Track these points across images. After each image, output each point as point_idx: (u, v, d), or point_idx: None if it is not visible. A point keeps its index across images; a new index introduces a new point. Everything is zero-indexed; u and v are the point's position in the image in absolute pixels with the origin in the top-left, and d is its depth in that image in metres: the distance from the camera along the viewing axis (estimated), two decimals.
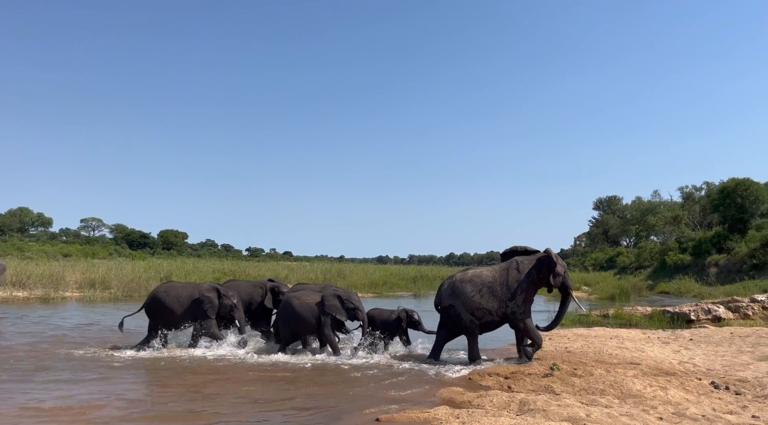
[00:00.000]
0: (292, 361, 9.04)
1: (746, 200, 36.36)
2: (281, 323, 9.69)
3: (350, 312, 9.58)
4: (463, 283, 8.99)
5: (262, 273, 27.11)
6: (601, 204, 68.14)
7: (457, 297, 8.96)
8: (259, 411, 6.15)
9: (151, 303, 10.01)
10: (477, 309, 8.84)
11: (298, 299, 9.65)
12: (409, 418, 5.55)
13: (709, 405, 6.09)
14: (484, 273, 9.09)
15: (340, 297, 9.61)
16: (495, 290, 8.86)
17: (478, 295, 8.86)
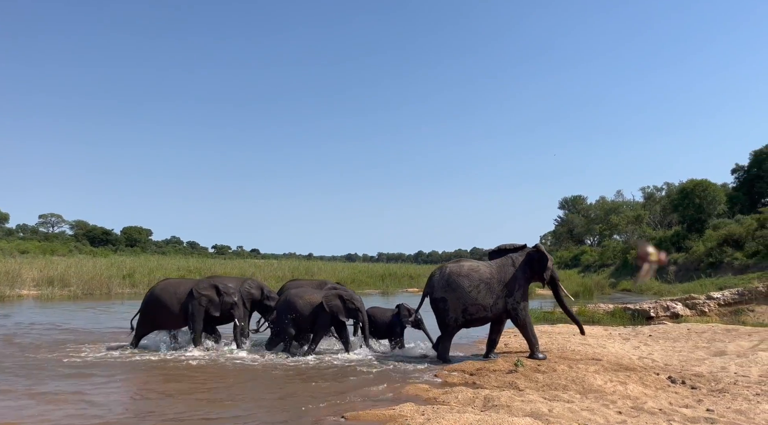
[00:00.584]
0: (261, 360, 8.97)
1: (704, 201, 37.55)
2: (285, 321, 9.49)
3: (351, 313, 9.49)
4: (459, 277, 8.80)
5: (228, 271, 26.72)
6: (566, 203, 69.41)
7: (452, 291, 8.78)
8: (223, 409, 6.06)
9: (149, 301, 9.80)
10: (472, 305, 8.73)
11: (301, 297, 9.54)
12: (375, 416, 5.55)
13: (666, 400, 6.26)
14: (481, 269, 8.90)
15: (342, 296, 9.53)
16: (492, 286, 8.76)
17: (475, 291, 8.71)
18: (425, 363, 8.79)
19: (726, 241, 30.69)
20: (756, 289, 14.80)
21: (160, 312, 9.72)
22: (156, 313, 9.77)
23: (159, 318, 9.81)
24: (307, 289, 9.98)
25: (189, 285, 9.88)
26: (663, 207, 45.12)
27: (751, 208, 37.44)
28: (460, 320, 8.86)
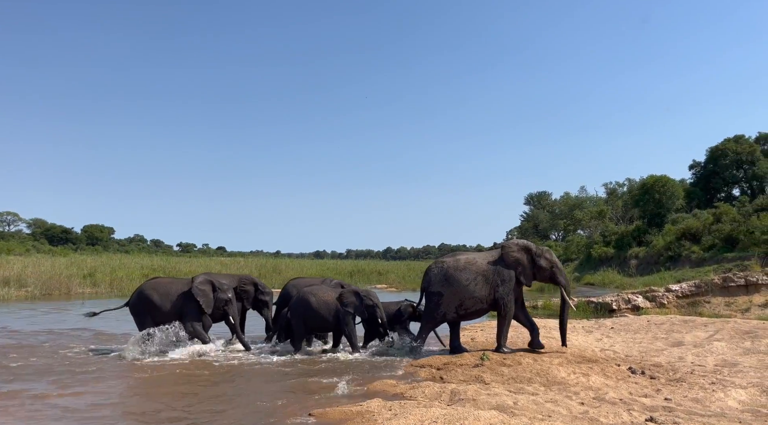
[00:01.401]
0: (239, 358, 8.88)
1: (663, 196, 38.63)
2: (296, 320, 9.36)
3: (368, 310, 9.39)
4: (458, 271, 8.83)
5: (194, 269, 26.28)
6: (531, 199, 70.53)
7: (449, 286, 8.80)
8: (189, 409, 5.96)
9: (138, 301, 9.51)
10: (468, 299, 8.78)
11: (315, 295, 9.41)
12: (342, 413, 5.53)
13: (626, 390, 6.42)
14: (478, 261, 8.98)
15: (358, 293, 9.44)
16: (488, 277, 8.80)
17: (472, 284, 8.76)
18: (397, 359, 8.82)
19: (684, 235, 31.66)
20: (712, 282, 15.32)
21: (154, 311, 9.41)
22: (151, 312, 9.44)
23: (155, 317, 9.45)
24: (321, 287, 9.83)
25: (181, 284, 9.63)
26: (625, 202, 46.25)
27: (708, 203, 38.76)
28: (449, 315, 8.91)
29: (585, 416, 5.16)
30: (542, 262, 8.94)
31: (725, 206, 32.98)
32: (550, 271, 8.97)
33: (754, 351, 8.66)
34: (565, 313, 9.01)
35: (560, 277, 9.03)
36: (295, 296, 9.63)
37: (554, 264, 9.00)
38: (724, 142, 42.33)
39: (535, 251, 9.01)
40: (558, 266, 9.04)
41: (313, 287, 9.78)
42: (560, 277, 9.03)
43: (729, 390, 6.12)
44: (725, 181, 42.42)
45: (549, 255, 9.06)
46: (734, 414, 5.27)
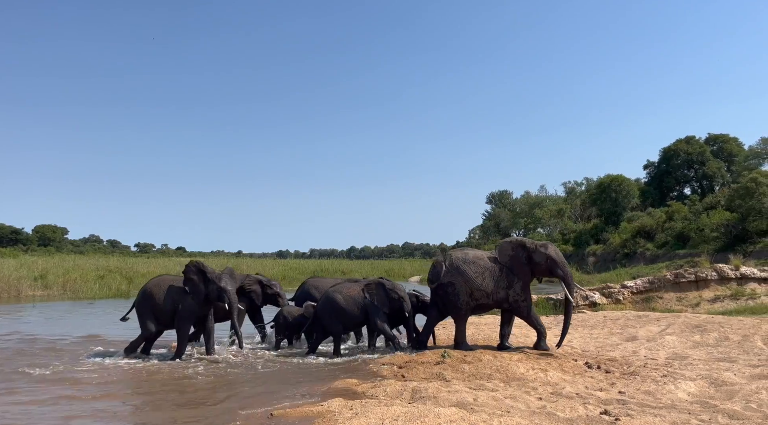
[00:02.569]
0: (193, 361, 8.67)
1: (619, 195, 39.75)
2: (327, 319, 9.13)
3: (394, 303, 9.20)
4: (466, 264, 8.87)
5: (152, 270, 25.65)
6: (493, 198, 71.48)
7: (460, 275, 8.82)
8: (147, 408, 5.82)
9: (140, 300, 9.16)
10: (477, 290, 8.78)
11: (341, 293, 9.22)
12: (303, 412, 5.49)
13: (582, 384, 6.58)
14: (485, 258, 8.99)
15: (383, 285, 9.27)
16: (495, 275, 8.82)
17: (480, 278, 8.78)
18: (360, 357, 8.80)
19: (639, 233, 32.68)
20: (664, 277, 15.84)
21: (156, 310, 9.05)
22: (154, 311, 9.07)
23: (158, 316, 9.09)
24: (345, 283, 9.66)
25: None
26: (583, 201, 47.41)
27: (661, 202, 40.09)
28: (471, 303, 8.88)
29: (543, 411, 5.25)
30: (536, 257, 8.84)
31: (677, 205, 34.17)
32: (545, 266, 8.86)
33: (702, 345, 8.99)
34: (568, 310, 8.96)
35: (558, 269, 8.86)
36: (322, 298, 9.40)
37: (548, 257, 8.82)
38: (676, 143, 43.85)
39: (530, 247, 8.95)
40: (554, 258, 8.84)
41: (336, 285, 9.62)
42: (558, 269, 8.86)
43: (679, 383, 6.34)
44: (677, 180, 43.97)
45: (543, 249, 8.92)
46: (684, 406, 5.46)
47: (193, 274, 9.02)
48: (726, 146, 44.28)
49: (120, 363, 8.54)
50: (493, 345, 9.28)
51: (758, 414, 5.01)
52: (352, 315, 9.11)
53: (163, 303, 8.96)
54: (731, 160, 43.12)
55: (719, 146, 44.35)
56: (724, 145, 44.43)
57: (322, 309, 9.17)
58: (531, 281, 9.08)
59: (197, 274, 9.04)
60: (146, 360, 8.76)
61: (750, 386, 6.02)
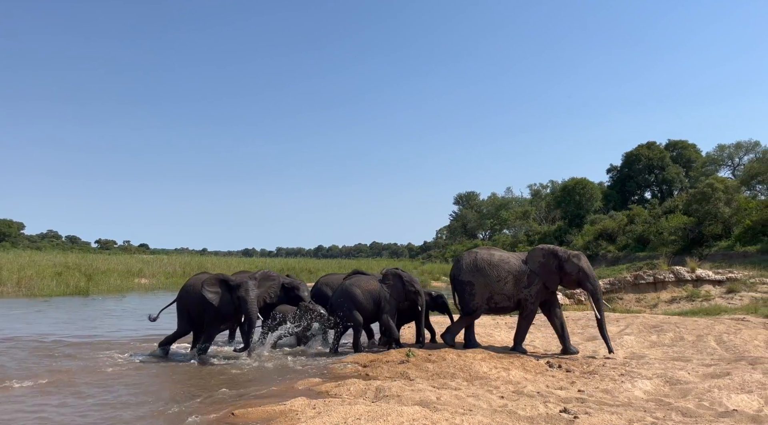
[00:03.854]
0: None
1: (583, 198, 40.61)
2: (344, 312, 8.96)
3: (410, 295, 9.03)
4: (491, 266, 8.72)
5: (113, 267, 25.04)
6: (461, 199, 72.18)
7: (481, 276, 8.70)
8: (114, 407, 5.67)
9: (178, 298, 8.96)
10: (498, 294, 8.71)
11: (359, 287, 9.05)
12: (265, 411, 5.43)
13: (543, 383, 6.69)
14: (511, 260, 8.87)
15: (401, 277, 9.06)
16: (519, 278, 8.69)
17: (503, 282, 8.68)
18: (327, 357, 8.75)
19: (601, 235, 33.45)
20: (624, 279, 16.24)
21: (191, 310, 8.90)
22: (189, 310, 8.92)
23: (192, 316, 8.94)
24: (362, 277, 9.46)
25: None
26: (548, 203, 48.27)
27: (623, 205, 41.09)
28: (484, 306, 8.81)
29: (504, 409, 5.32)
30: (568, 267, 8.64)
31: (638, 208, 35.07)
32: (576, 276, 8.67)
33: (659, 344, 9.25)
34: (600, 320, 8.54)
35: (587, 283, 8.66)
36: (339, 290, 9.26)
37: (581, 269, 8.63)
38: (638, 148, 45.02)
39: (562, 256, 8.75)
40: (585, 271, 8.65)
41: (353, 279, 9.47)
42: (587, 283, 8.66)
43: (636, 381, 6.50)
44: (638, 184, 45.15)
45: (576, 259, 8.70)
46: (640, 404, 5.60)
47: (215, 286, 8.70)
48: (685, 152, 45.71)
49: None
50: (457, 345, 9.35)
51: (710, 411, 5.17)
52: (368, 310, 8.99)
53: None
54: (689, 165, 44.53)
55: (678, 152, 45.75)
56: (683, 151, 45.86)
57: (338, 303, 9.05)
58: (556, 289, 8.97)
59: (220, 285, 8.73)
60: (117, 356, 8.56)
61: (703, 384, 6.21)
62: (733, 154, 39.46)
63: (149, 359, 8.70)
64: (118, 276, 25.21)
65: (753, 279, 15.41)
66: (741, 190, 29.67)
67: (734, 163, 39.37)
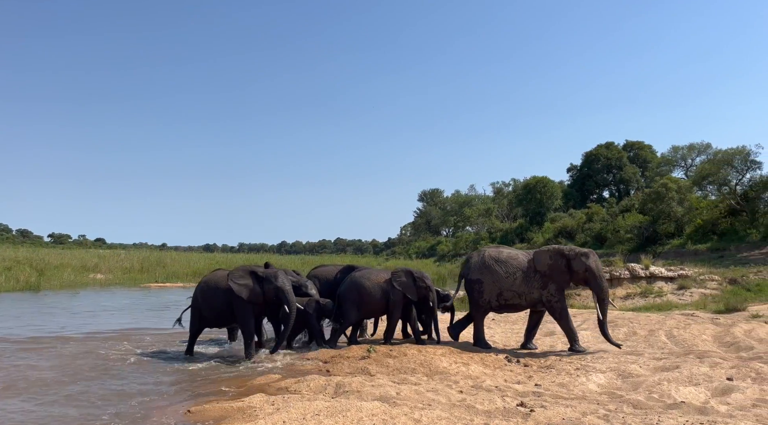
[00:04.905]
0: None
1: (544, 196, 41.39)
2: (348, 305, 8.79)
3: (421, 291, 8.87)
4: (498, 263, 8.70)
5: (66, 262, 24.24)
6: (425, 196, 72.58)
7: (489, 274, 8.68)
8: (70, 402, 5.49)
9: (193, 296, 8.61)
10: (507, 290, 8.65)
11: (369, 279, 8.85)
12: (222, 409, 5.35)
13: (502, 377, 6.80)
14: (519, 256, 8.83)
15: (412, 273, 8.92)
16: (528, 275, 8.62)
17: (511, 278, 8.62)
18: (282, 352, 8.68)
19: (561, 233, 34.19)
20: None
21: (204, 307, 8.57)
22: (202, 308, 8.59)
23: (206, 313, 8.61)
24: (372, 270, 9.32)
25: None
26: (510, 201, 49.02)
27: (582, 203, 42.04)
28: (493, 303, 8.79)
29: (462, 403, 5.38)
30: (575, 265, 8.59)
31: (596, 207, 35.95)
32: (582, 275, 8.60)
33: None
34: (601, 321, 8.53)
35: (593, 282, 8.62)
36: (347, 281, 9.09)
37: (587, 268, 8.54)
38: (597, 148, 46.12)
39: (569, 254, 8.68)
40: (592, 270, 8.55)
41: (364, 271, 9.32)
42: (593, 282, 8.62)
43: (590, 375, 6.67)
44: (597, 183, 46.30)
45: (584, 258, 8.62)
46: (593, 397, 5.75)
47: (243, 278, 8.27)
48: (641, 153, 47.07)
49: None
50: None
51: (659, 404, 5.34)
52: (376, 303, 8.87)
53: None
54: (645, 165, 45.87)
55: (635, 152, 47.09)
56: (639, 151, 47.22)
57: (346, 294, 8.92)
58: (568, 288, 8.86)
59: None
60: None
61: (653, 377, 6.42)
62: (686, 156, 40.82)
63: (103, 358, 8.46)
64: (71, 272, 24.44)
65: (703, 276, 16.00)
66: (693, 190, 30.74)
67: (687, 164, 40.74)
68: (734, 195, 28.09)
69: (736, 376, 6.38)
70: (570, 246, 9.11)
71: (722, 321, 10.64)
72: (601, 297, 8.61)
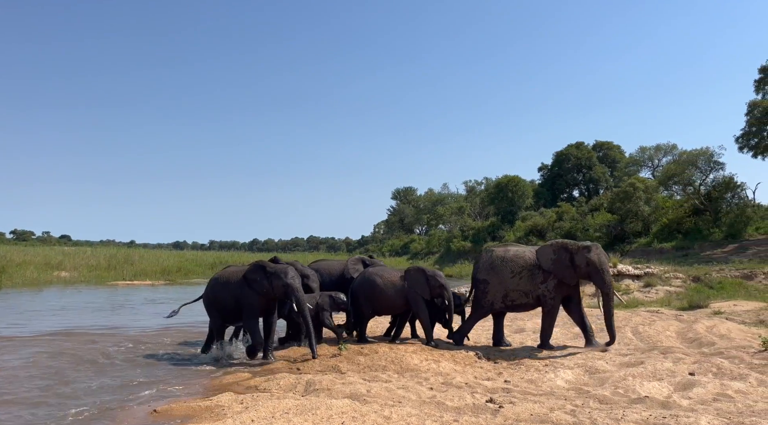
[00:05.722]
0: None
1: (515, 195, 41.86)
2: (363, 301, 8.63)
3: (434, 290, 8.61)
4: (504, 262, 8.56)
5: (30, 259, 23.57)
6: (398, 194, 72.73)
7: (495, 274, 8.55)
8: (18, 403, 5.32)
9: (205, 294, 8.24)
10: (513, 291, 8.51)
11: (381, 276, 8.67)
12: (189, 408, 5.27)
13: (472, 374, 6.85)
14: (526, 255, 8.66)
15: (425, 272, 8.68)
16: (534, 273, 8.47)
17: (517, 277, 8.47)
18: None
19: (532, 231, 34.62)
20: None
21: (219, 306, 8.21)
22: (216, 306, 8.23)
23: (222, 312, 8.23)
24: (385, 268, 9.13)
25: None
26: (482, 199, 49.42)
27: (553, 202, 42.65)
28: (497, 305, 8.65)
29: (432, 400, 5.40)
30: (577, 259, 8.39)
31: (566, 206, 36.53)
32: (585, 270, 8.40)
33: (581, 336, 9.66)
34: (606, 312, 8.41)
35: (596, 276, 8.40)
36: (359, 278, 8.96)
37: (589, 262, 8.35)
38: (567, 148, 46.85)
39: (572, 248, 8.49)
40: (595, 265, 8.35)
41: (376, 268, 9.15)
42: (596, 276, 8.40)
43: (558, 371, 6.77)
44: (567, 183, 47.04)
45: (586, 252, 8.43)
46: (561, 393, 5.84)
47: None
48: (610, 153, 47.98)
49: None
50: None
51: (624, 398, 5.45)
52: (388, 301, 8.69)
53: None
54: (614, 165, 46.77)
55: (604, 152, 47.97)
56: (608, 151, 48.13)
57: (358, 291, 8.80)
58: (574, 283, 8.60)
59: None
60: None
61: (619, 373, 6.55)
62: (653, 156, 41.73)
63: (69, 358, 8.25)
64: (35, 269, 23.78)
65: (668, 274, 16.40)
66: (659, 190, 31.45)
67: (654, 165, 41.64)
68: (698, 195, 28.84)
69: (698, 371, 6.54)
70: (573, 241, 8.91)
71: (686, 318, 10.92)
72: (604, 291, 8.41)
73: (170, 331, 10.92)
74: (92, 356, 8.32)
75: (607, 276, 8.46)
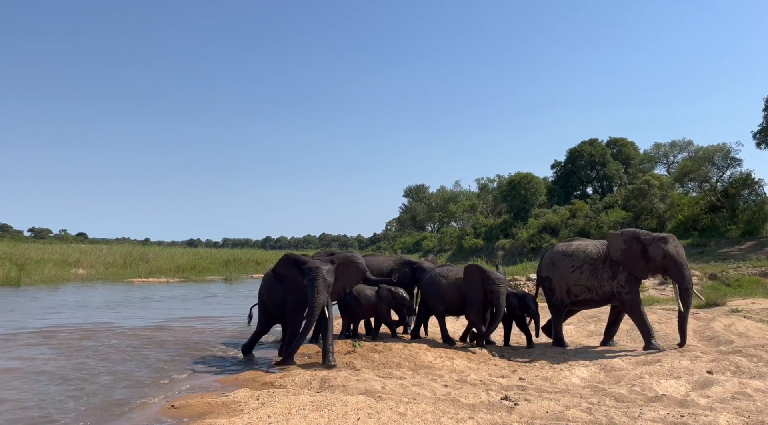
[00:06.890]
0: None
1: (528, 192, 41.63)
2: (431, 301, 8.68)
3: (488, 294, 8.22)
4: (565, 257, 8.32)
5: (47, 257, 23.89)
6: (410, 192, 72.62)
7: (556, 270, 8.36)
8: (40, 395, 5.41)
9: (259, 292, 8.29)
10: (575, 286, 8.22)
11: (446, 277, 8.67)
12: (206, 403, 5.32)
13: (486, 372, 6.84)
14: (589, 248, 8.31)
15: (483, 270, 8.48)
16: (597, 266, 8.09)
17: (578, 271, 8.15)
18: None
19: (545, 229, 34.41)
20: None
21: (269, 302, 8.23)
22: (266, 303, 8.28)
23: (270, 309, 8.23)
24: (449, 267, 9.16)
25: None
26: (494, 197, 49.17)
27: (566, 200, 42.33)
28: (566, 300, 8.39)
29: (447, 397, 5.40)
30: (651, 251, 7.82)
31: (580, 203, 36.24)
32: (660, 263, 7.80)
33: (596, 333, 9.61)
34: (682, 313, 7.79)
35: (673, 270, 7.79)
36: (426, 278, 8.97)
37: (666, 255, 7.75)
38: (581, 145, 46.44)
39: (645, 239, 7.94)
40: (672, 257, 7.75)
41: (441, 268, 9.14)
42: (673, 270, 7.79)
43: (574, 369, 6.74)
44: (581, 180, 46.63)
45: (663, 243, 7.83)
46: (576, 390, 5.81)
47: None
48: (624, 149, 47.47)
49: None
50: (404, 335, 9.42)
51: (641, 396, 5.41)
52: (453, 301, 8.58)
53: None
54: (628, 162, 46.28)
55: (618, 149, 47.48)
56: (622, 148, 47.61)
57: (427, 291, 8.81)
58: (647, 278, 8.18)
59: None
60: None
61: (635, 371, 6.50)
62: (668, 152, 41.22)
63: (77, 352, 8.36)
64: (52, 266, 24.10)
65: None
66: (675, 187, 31.08)
67: (669, 161, 41.16)
68: (715, 191, 28.46)
69: (716, 370, 6.48)
70: (645, 230, 8.35)
71: (702, 315, 10.81)
72: (683, 286, 7.78)
73: (189, 328, 11.04)
74: (110, 352, 8.43)
75: (686, 270, 7.85)
